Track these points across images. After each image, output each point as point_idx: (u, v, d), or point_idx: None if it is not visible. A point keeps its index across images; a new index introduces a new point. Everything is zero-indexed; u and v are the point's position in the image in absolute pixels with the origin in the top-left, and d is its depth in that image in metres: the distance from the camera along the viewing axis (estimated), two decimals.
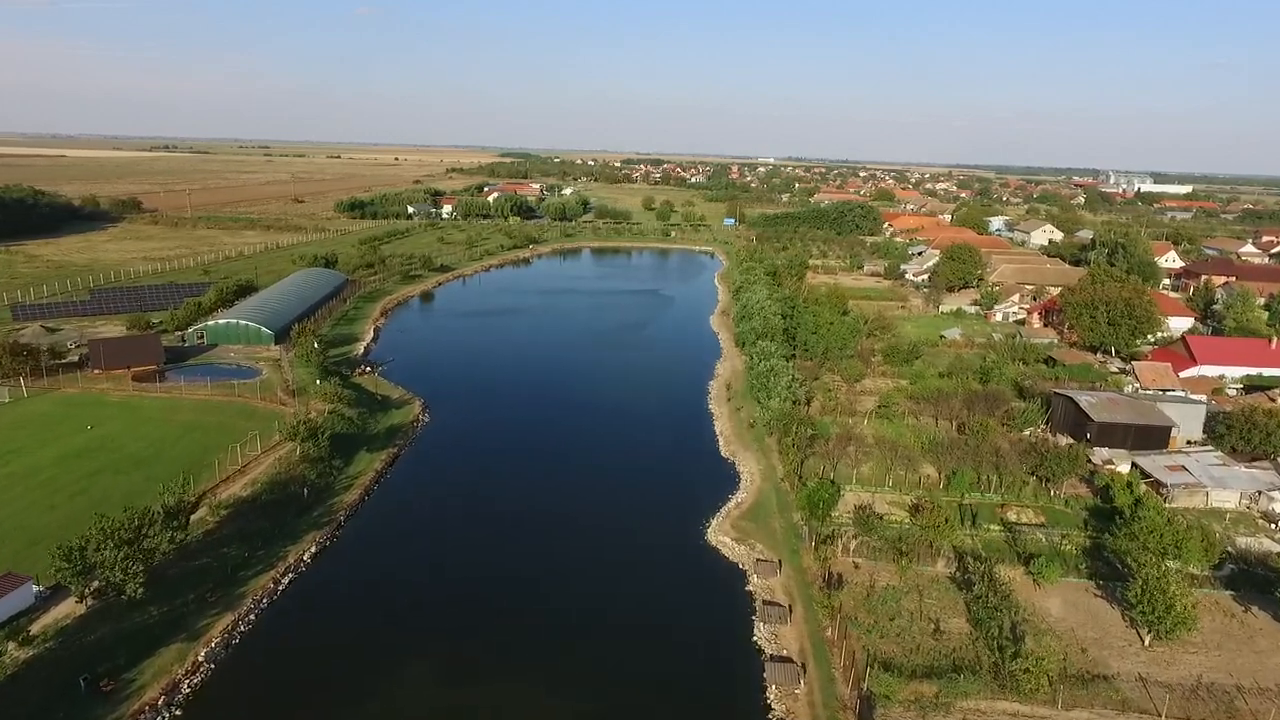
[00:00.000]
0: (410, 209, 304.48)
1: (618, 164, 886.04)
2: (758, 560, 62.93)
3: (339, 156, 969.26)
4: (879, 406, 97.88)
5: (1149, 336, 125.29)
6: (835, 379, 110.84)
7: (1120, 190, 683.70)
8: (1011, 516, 70.47)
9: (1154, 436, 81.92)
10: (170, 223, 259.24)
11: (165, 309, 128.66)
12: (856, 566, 61.78)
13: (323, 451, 74.45)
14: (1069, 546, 64.95)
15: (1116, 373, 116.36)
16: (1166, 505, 71.26)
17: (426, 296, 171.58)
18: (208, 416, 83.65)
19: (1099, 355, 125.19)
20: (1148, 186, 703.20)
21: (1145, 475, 75.70)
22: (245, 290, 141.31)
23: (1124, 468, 79.74)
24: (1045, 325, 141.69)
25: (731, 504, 74.06)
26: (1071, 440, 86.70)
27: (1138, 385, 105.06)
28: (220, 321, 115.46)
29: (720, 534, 67.97)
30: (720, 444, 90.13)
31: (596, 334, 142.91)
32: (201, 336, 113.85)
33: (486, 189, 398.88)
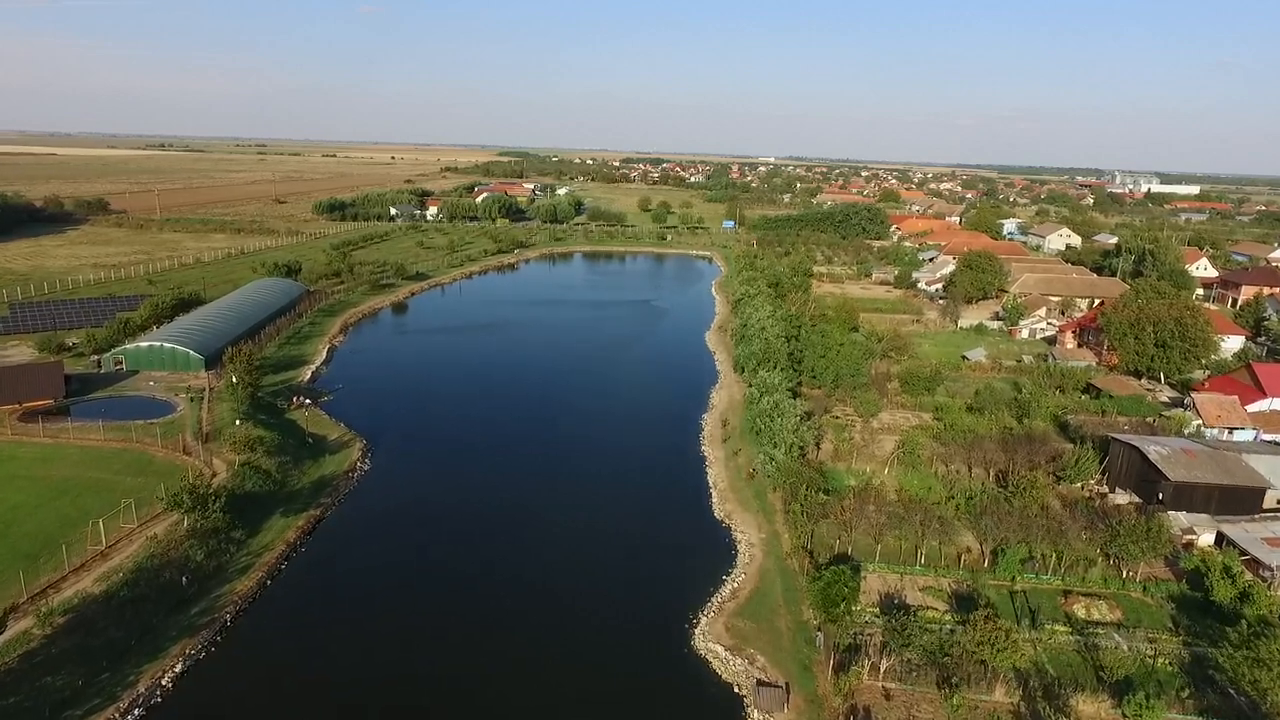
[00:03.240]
0: (393, 211, 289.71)
1: (616, 163, 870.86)
2: (759, 682, 48.19)
3: (334, 155, 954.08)
4: (901, 450, 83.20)
5: (1201, 360, 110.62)
6: (848, 411, 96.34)
7: (1127, 190, 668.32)
8: (1080, 611, 55.71)
9: (1243, 499, 67.22)
10: (135, 225, 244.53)
11: (94, 326, 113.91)
12: (888, 695, 47.06)
13: (217, 522, 59.77)
14: (1162, 661, 50.21)
15: (1168, 404, 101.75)
16: (1271, 592, 56.77)
17: (395, 309, 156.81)
18: (90, 471, 68.88)
19: (1143, 381, 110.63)
20: (1156, 187, 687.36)
21: (1242, 552, 60.99)
22: (187, 304, 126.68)
23: (1207, 538, 65.15)
24: (1080, 345, 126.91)
25: (726, 590, 59.32)
26: (1135, 498, 72.14)
27: (1200, 422, 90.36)
28: (142, 344, 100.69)
29: (711, 638, 53.21)
30: (714, 499, 75.35)
31: (579, 355, 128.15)
32: (120, 362, 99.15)
33: (477, 189, 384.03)
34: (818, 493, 67.62)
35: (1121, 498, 72.98)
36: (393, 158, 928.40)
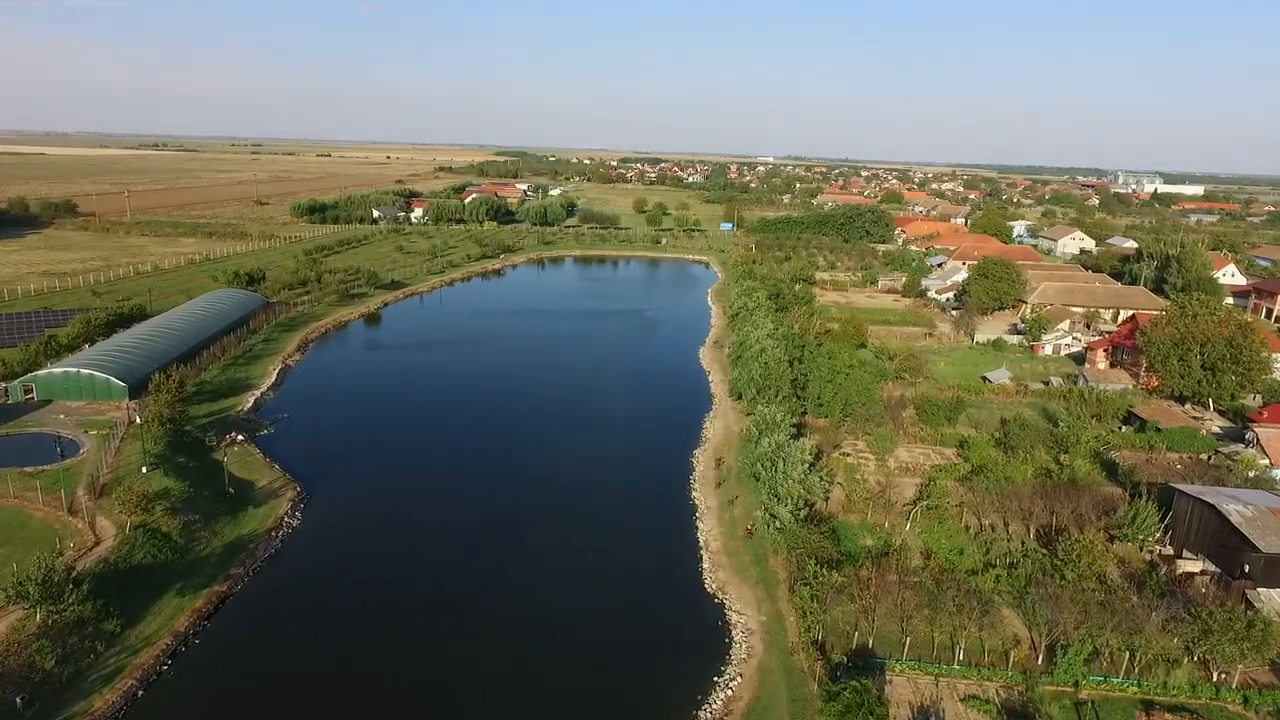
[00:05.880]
0: (376, 213, 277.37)
1: (614, 163, 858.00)
2: None
3: (329, 155, 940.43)
4: (924, 498, 71.19)
5: (1255, 385, 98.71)
6: (859, 447, 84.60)
7: (1130, 190, 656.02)
8: None
9: None
10: (101, 229, 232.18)
11: (10, 346, 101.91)
12: None
13: (81, 613, 47.77)
14: None
15: (1220, 435, 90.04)
16: None
17: (365, 321, 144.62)
18: None
19: (1187, 407, 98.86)
20: (1162, 187, 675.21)
21: None
22: (127, 320, 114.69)
23: None
24: (1113, 365, 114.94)
25: (718, 701, 47.28)
26: (1211, 566, 60.23)
27: (1267, 462, 78.52)
28: (56, 370, 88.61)
29: None
30: (705, 563, 63.30)
31: (559, 375, 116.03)
32: (29, 391, 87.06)
33: (467, 190, 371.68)
34: (831, 569, 55.56)
35: (1191, 564, 61.10)
36: (388, 157, 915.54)
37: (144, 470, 68.40)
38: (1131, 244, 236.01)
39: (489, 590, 59.15)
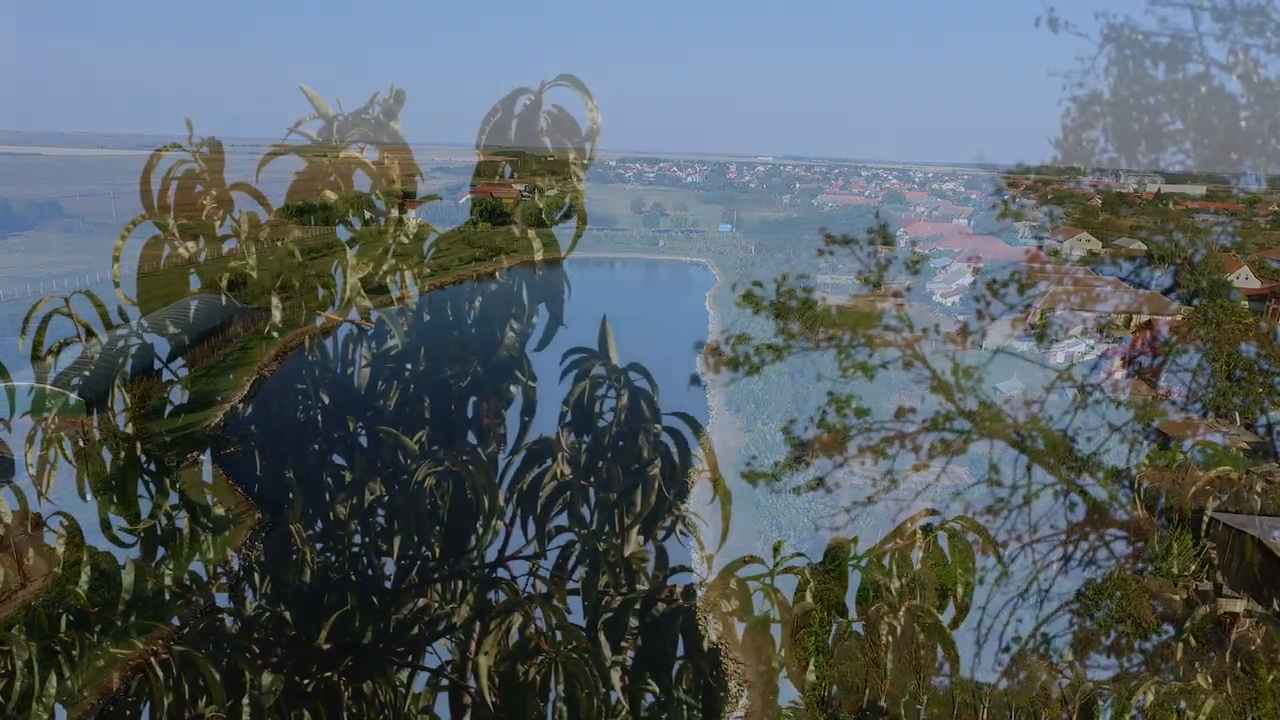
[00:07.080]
0: (367, 214, 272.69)
1: (612, 163, 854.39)
2: None
3: (324, 155, 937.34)
4: (935, 524, 65.87)
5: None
6: (865, 465, 79.42)
7: (1133, 190, 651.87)
8: None
9: None
10: (86, 231, 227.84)
11: None
12: None
13: None
14: None
15: (1247, 450, 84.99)
16: None
17: (348, 328, 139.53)
18: None
19: (1209, 419, 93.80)
20: (1165, 187, 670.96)
21: None
22: (93, 329, 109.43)
23: None
24: (1129, 375, 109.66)
25: None
26: (1257, 607, 55.00)
27: None
28: (7, 385, 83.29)
29: None
30: (697, 603, 58.07)
31: (549, 381, 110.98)
32: None
33: (462, 191, 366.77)
34: (837, 612, 50.29)
35: (1233, 603, 55.84)
36: (385, 158, 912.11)
37: (87, 498, 63.00)
38: (1139, 245, 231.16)
39: (462, 630, 53.79)
